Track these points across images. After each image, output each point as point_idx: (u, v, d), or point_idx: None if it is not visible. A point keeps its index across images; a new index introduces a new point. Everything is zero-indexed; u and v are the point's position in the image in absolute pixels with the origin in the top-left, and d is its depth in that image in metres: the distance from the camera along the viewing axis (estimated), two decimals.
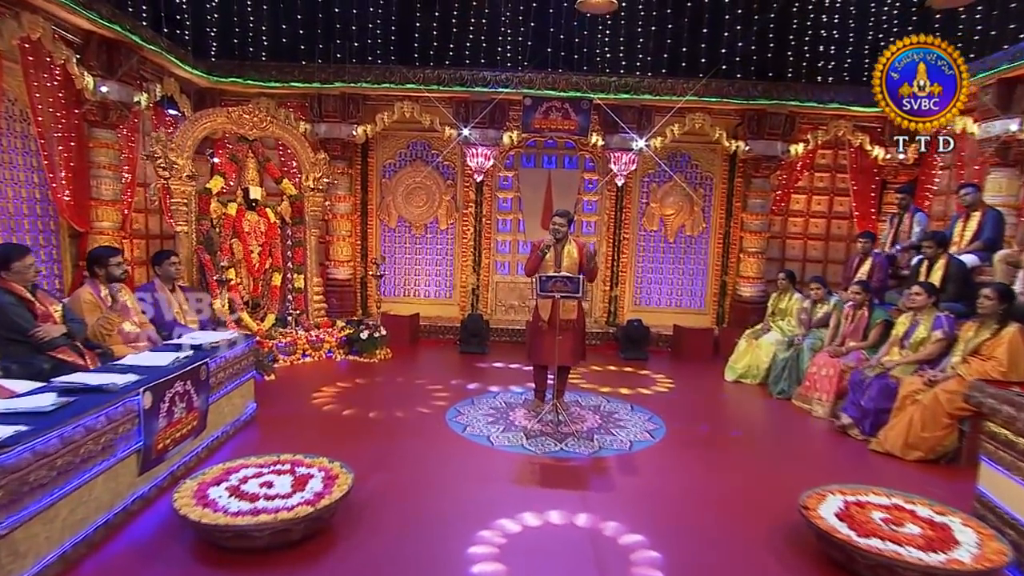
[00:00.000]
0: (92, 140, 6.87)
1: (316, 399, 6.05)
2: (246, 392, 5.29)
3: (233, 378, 4.99)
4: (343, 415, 5.62)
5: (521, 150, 9.27)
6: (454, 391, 6.47)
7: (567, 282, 5.22)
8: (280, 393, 6.22)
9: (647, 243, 9.43)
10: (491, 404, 6.07)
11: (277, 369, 7.08)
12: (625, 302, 9.43)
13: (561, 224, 5.51)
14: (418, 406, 5.91)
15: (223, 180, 7.44)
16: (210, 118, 7.20)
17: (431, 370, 7.50)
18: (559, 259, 5.56)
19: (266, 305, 7.89)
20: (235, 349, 5.02)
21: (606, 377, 7.37)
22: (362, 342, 7.72)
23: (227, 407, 4.90)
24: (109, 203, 7.01)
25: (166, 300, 5.56)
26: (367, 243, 9.41)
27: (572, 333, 5.56)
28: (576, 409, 5.99)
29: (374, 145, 9.25)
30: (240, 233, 7.49)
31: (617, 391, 6.72)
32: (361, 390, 6.47)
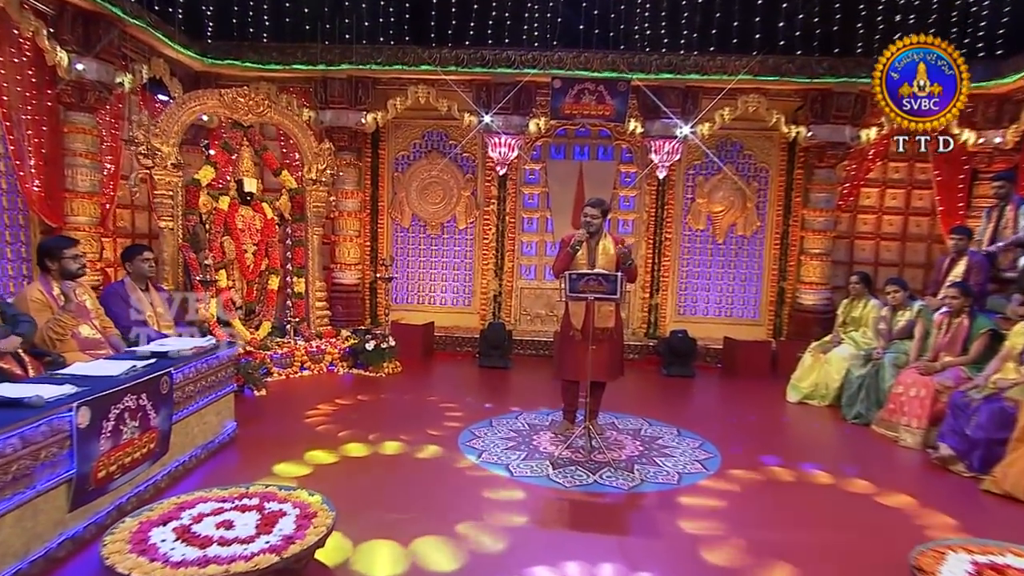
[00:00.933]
0: (67, 125, 6.50)
1: (310, 418, 5.57)
2: (224, 409, 4.78)
3: (206, 392, 4.49)
4: (338, 436, 5.10)
5: (549, 140, 8.76)
6: (470, 410, 5.95)
7: (603, 280, 4.64)
8: (270, 410, 5.79)
9: (692, 244, 8.83)
10: (512, 426, 5.51)
11: (271, 383, 6.60)
12: (667, 311, 8.82)
13: (594, 216, 4.99)
14: (427, 427, 5.38)
15: (214, 170, 7.02)
16: (200, 101, 6.83)
17: (445, 386, 7.03)
18: (592, 257, 5.05)
19: (262, 311, 7.43)
20: (210, 358, 4.52)
21: (647, 396, 6.79)
22: (367, 354, 7.21)
23: (198, 426, 4.39)
24: (86, 195, 6.62)
25: (137, 302, 5.09)
26: (377, 244, 8.98)
27: (609, 344, 5.05)
28: (612, 433, 5.43)
29: (385, 135, 8.84)
30: (233, 230, 7.07)
31: (660, 412, 6.10)
32: (363, 408, 5.99)
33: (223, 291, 6.94)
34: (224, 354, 4.75)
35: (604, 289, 4.66)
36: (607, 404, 5.54)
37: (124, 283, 5.15)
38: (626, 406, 6.20)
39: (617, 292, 4.65)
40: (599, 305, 4.93)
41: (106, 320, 4.77)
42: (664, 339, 8.08)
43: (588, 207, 5.05)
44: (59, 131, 6.46)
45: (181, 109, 6.68)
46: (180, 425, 4.14)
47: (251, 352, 6.71)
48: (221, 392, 4.72)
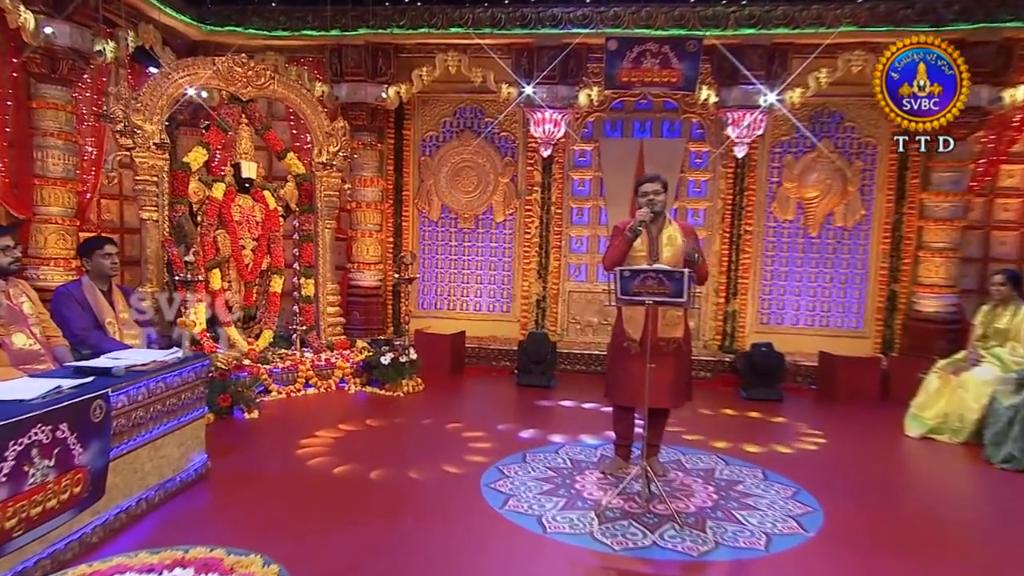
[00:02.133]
0: (36, 99, 6.16)
1: (304, 448, 5.03)
2: (190, 439, 4.24)
3: (165, 418, 3.95)
4: (333, 474, 4.53)
5: (603, 114, 8.12)
6: (500, 440, 5.33)
7: (664, 279, 3.93)
8: (259, 437, 5.33)
9: (779, 238, 8.03)
10: (550, 462, 4.85)
11: (268, 403, 6.15)
12: (747, 320, 8.04)
13: (656, 192, 4.36)
14: (445, 462, 4.77)
15: (206, 153, 6.57)
16: (190, 71, 6.39)
17: (473, 409, 6.53)
18: (654, 248, 4.40)
19: (263, 318, 6.93)
20: (170, 375, 3.96)
21: (723, 426, 6.03)
22: (383, 369, 6.64)
23: (151, 462, 3.84)
24: (58, 182, 6.27)
25: (96, 305, 4.60)
26: (401, 240, 8.52)
27: (674, 360, 4.42)
28: (677, 476, 4.70)
29: (411, 112, 8.38)
30: (228, 222, 6.62)
31: (740, 448, 5.36)
32: (370, 435, 5.45)
33: (216, 294, 6.49)
34: (189, 370, 4.18)
35: (666, 290, 3.96)
36: (671, 436, 4.87)
37: (81, 283, 4.67)
38: (696, 439, 5.49)
39: (683, 294, 3.92)
40: (663, 311, 4.29)
41: (51, 327, 4.29)
42: (744, 354, 7.30)
43: (646, 183, 4.43)
44: (26, 107, 6.14)
45: (167, 80, 6.24)
46: (124, 461, 3.59)
47: (246, 366, 6.21)
48: (187, 417, 4.17)
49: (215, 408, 5.48)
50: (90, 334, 4.49)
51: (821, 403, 6.99)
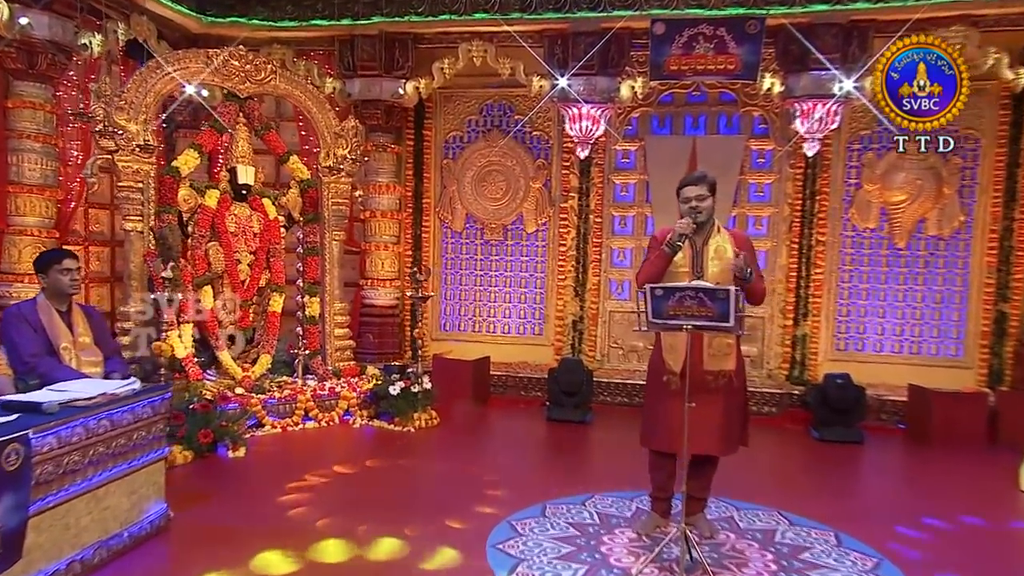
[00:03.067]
0: (12, 98, 6.04)
1: (288, 494, 4.68)
2: (146, 485, 3.91)
3: (108, 463, 3.61)
4: (315, 527, 4.13)
5: (650, 109, 7.71)
6: (518, 488, 4.89)
7: (707, 298, 3.46)
8: (241, 480, 5.05)
9: (858, 250, 7.48)
10: (575, 517, 4.39)
11: (260, 439, 5.89)
12: (820, 346, 7.47)
13: (700, 197, 3.91)
14: (448, 515, 4.35)
15: (198, 156, 6.36)
16: (180, 65, 6.19)
17: (492, 448, 6.23)
18: (699, 261, 3.95)
19: (261, 341, 6.64)
20: (117, 412, 3.63)
21: (787, 474, 5.55)
22: (392, 400, 6.30)
23: (88, 516, 3.50)
24: (35, 189, 6.16)
25: (51, 327, 4.31)
26: (421, 253, 8.23)
27: (723, 397, 3.95)
28: (729, 537, 4.18)
29: (432, 110, 8.13)
30: (222, 234, 6.39)
31: (809, 502, 4.79)
32: (368, 480, 5.09)
33: (207, 314, 6.21)
34: (144, 405, 3.85)
35: (708, 312, 3.49)
36: (723, 484, 4.35)
37: (36, 302, 4.37)
38: (753, 489, 4.94)
39: (729, 316, 3.42)
40: (710, 338, 3.85)
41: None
42: (816, 386, 6.72)
43: (687, 186, 3.97)
44: (2, 107, 6.01)
45: (155, 76, 6.07)
46: (51, 516, 3.24)
47: (237, 396, 5.90)
48: (140, 461, 3.83)
49: (195, 445, 5.21)
50: (40, 361, 4.18)
51: (912, 447, 6.40)
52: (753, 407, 6.90)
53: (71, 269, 4.40)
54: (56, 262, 4.38)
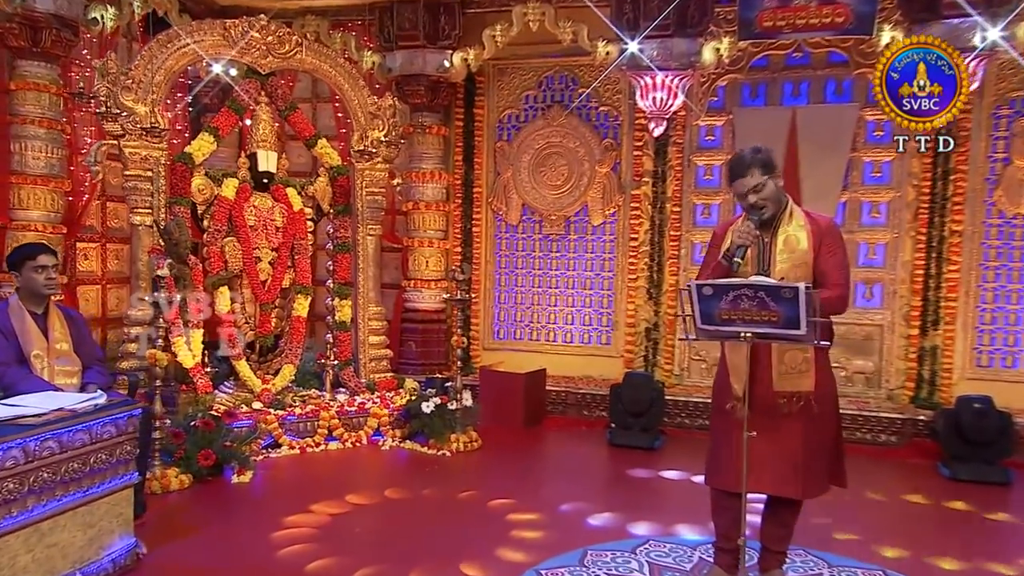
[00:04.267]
0: (15, 79, 6.02)
1: (286, 529, 4.43)
2: (106, 518, 3.72)
3: (56, 491, 3.42)
4: (303, 572, 3.81)
5: (740, 75, 7.23)
6: (558, 528, 4.54)
7: (769, 299, 3.00)
8: (238, 510, 4.85)
9: (1007, 241, 6.77)
10: (619, 567, 3.96)
11: (276, 461, 5.72)
12: (955, 362, 6.77)
13: (757, 188, 3.42)
14: (468, 558, 4.02)
15: (214, 141, 6.29)
16: (194, 38, 6.12)
17: (536, 478, 5.84)
18: (765, 257, 3.50)
19: (285, 350, 6.47)
20: (67, 432, 3.42)
21: (902, 521, 4.95)
22: (424, 419, 5.99)
23: (28, 554, 3.30)
24: (39, 180, 6.16)
25: (23, 332, 4.19)
26: (471, 250, 7.99)
27: (801, 424, 3.46)
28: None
29: (484, 86, 7.92)
30: (240, 228, 6.27)
31: (927, 560, 4.21)
32: (382, 513, 4.83)
33: (223, 318, 6.09)
34: (106, 423, 3.64)
35: (772, 316, 3.03)
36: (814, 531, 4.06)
37: (7, 304, 4.28)
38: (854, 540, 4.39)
39: (799, 322, 2.93)
40: (781, 351, 3.40)
41: None
42: (946, 411, 6.00)
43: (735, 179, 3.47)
44: (4, 89, 6.04)
45: (165, 50, 6.04)
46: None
47: (251, 412, 5.74)
48: (99, 488, 3.64)
49: (194, 468, 5.04)
50: (7, 371, 4.09)
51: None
52: (867, 435, 6.42)
53: (47, 266, 4.28)
54: (30, 258, 4.27)
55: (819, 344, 3.21)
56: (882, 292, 6.85)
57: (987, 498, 5.31)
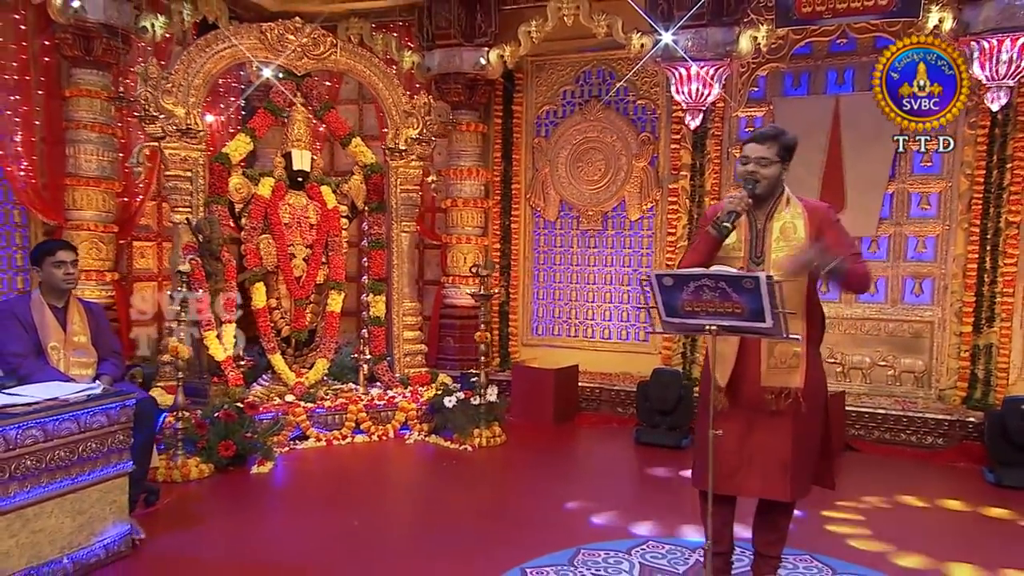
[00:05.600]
0: (70, 87, 6.17)
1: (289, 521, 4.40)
2: (98, 505, 3.71)
3: (42, 479, 3.44)
4: (289, 565, 3.77)
5: (781, 64, 6.76)
6: (557, 527, 4.31)
7: (731, 289, 2.76)
8: (248, 501, 4.78)
9: None
10: (609, 569, 3.72)
11: (302, 453, 5.68)
12: (1013, 361, 6.16)
13: (763, 160, 3.18)
14: (453, 558, 3.84)
15: (250, 141, 6.27)
16: (230, 41, 6.17)
17: (552, 475, 5.50)
18: (759, 244, 3.26)
19: (319, 344, 6.43)
20: (52, 420, 3.43)
21: (935, 528, 4.55)
22: (447, 414, 5.83)
23: (12, 539, 3.31)
24: (92, 181, 6.25)
25: (42, 324, 4.25)
26: (510, 246, 7.75)
27: (790, 423, 3.19)
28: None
29: (523, 83, 7.70)
30: (275, 225, 6.22)
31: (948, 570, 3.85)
32: (386, 507, 4.74)
33: (259, 312, 6.10)
34: (96, 412, 3.64)
35: (736, 308, 2.77)
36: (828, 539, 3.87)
37: (29, 298, 4.35)
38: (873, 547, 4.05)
39: (764, 314, 2.67)
40: (770, 345, 3.14)
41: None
42: (991, 413, 5.47)
43: (750, 143, 3.24)
44: (58, 96, 6.21)
45: (204, 54, 6.04)
46: None
47: (282, 404, 5.74)
48: (88, 476, 3.63)
49: (215, 458, 5.03)
50: (24, 362, 4.14)
51: None
52: (912, 437, 5.96)
53: (65, 262, 4.31)
54: (49, 254, 4.32)
55: (789, 338, 2.93)
56: (932, 287, 6.33)
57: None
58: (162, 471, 4.84)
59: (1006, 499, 4.91)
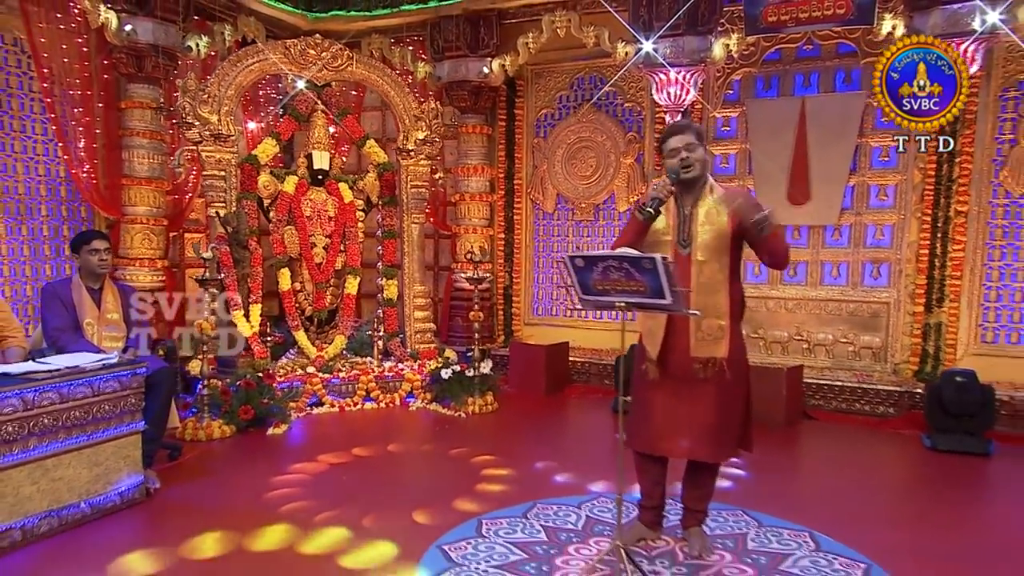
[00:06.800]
0: (125, 99, 6.27)
1: (288, 475, 4.39)
2: (112, 458, 3.79)
3: (59, 434, 3.54)
4: (278, 512, 3.81)
5: (753, 69, 6.52)
6: (521, 483, 4.27)
7: (633, 269, 2.73)
8: (257, 457, 4.82)
9: (1014, 220, 5.80)
10: (555, 521, 3.70)
11: (317, 417, 5.73)
12: (960, 337, 5.90)
13: (690, 146, 3.14)
14: (420, 507, 3.83)
15: (276, 144, 6.33)
16: (258, 56, 6.17)
17: (529, 438, 5.50)
18: (686, 228, 3.20)
19: (338, 322, 6.49)
20: (68, 385, 3.54)
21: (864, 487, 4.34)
22: (444, 384, 5.81)
23: (33, 486, 3.43)
24: (143, 181, 6.31)
25: (80, 304, 4.37)
26: (513, 235, 7.62)
27: (715, 390, 3.18)
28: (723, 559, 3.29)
29: (524, 89, 7.52)
30: (298, 218, 6.27)
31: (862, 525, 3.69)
32: (375, 465, 4.67)
33: (285, 294, 6.19)
34: (109, 379, 3.74)
35: (639, 287, 2.73)
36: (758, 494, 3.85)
37: (70, 280, 4.47)
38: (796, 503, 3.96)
39: (663, 291, 2.63)
40: (698, 320, 3.09)
41: (9, 328, 4.13)
42: (932, 384, 5.25)
43: (671, 136, 3.19)
44: (116, 106, 6.28)
45: (235, 68, 6.09)
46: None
47: (304, 375, 5.82)
48: (103, 434, 3.73)
49: (236, 421, 5.13)
50: (62, 335, 4.25)
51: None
52: (866, 406, 5.77)
53: (99, 250, 4.42)
54: (86, 243, 4.43)
55: (690, 313, 2.88)
56: (889, 271, 6.08)
57: (956, 468, 4.62)
58: (189, 431, 4.95)
59: (936, 462, 4.75)
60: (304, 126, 6.49)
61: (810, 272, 6.38)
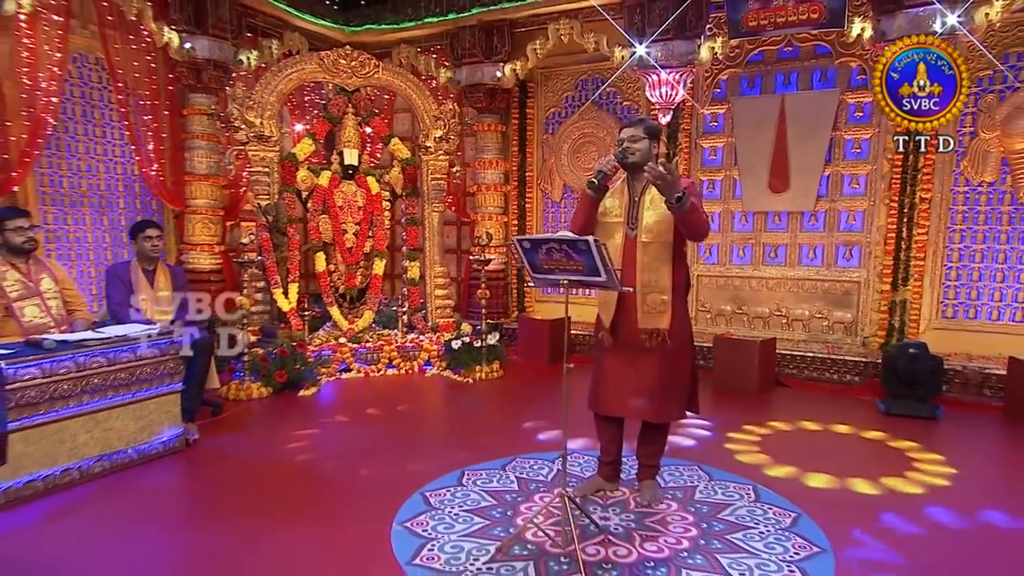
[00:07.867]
0: (187, 107, 6.48)
1: (306, 430, 4.57)
2: (155, 412, 4.01)
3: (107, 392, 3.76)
4: (294, 462, 4.00)
5: (738, 69, 6.38)
6: (508, 441, 4.32)
7: (571, 250, 2.79)
8: (285, 415, 4.97)
9: (973, 207, 5.61)
10: (529, 473, 3.79)
11: (345, 381, 5.89)
12: (923, 313, 5.76)
13: (634, 138, 3.21)
14: (413, 461, 3.95)
15: (312, 143, 6.45)
16: (297, 66, 6.29)
17: (524, 401, 5.52)
18: (635, 211, 3.26)
19: (368, 299, 6.65)
20: (113, 351, 3.77)
21: (818, 445, 4.35)
22: (454, 354, 5.93)
23: (87, 434, 3.67)
24: (202, 177, 6.54)
25: (136, 284, 4.60)
26: (525, 222, 7.65)
27: (658, 358, 3.24)
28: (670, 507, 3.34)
29: (534, 90, 7.50)
30: (331, 208, 6.41)
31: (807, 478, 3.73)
32: (382, 424, 4.79)
33: (320, 275, 6.37)
34: (149, 347, 3.96)
35: (578, 266, 2.77)
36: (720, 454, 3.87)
37: (129, 263, 4.71)
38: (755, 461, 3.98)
39: (599, 270, 2.69)
40: (644, 294, 3.18)
41: (75, 302, 4.36)
42: (888, 355, 5.14)
43: (625, 128, 3.27)
44: (179, 114, 6.50)
45: (277, 77, 6.22)
46: (42, 432, 3.46)
47: (336, 345, 6.00)
48: (146, 392, 3.94)
49: (272, 383, 5.34)
50: (120, 309, 4.48)
51: (1002, 428, 4.71)
52: (834, 375, 5.70)
53: (152, 237, 4.63)
54: (141, 231, 4.64)
55: (623, 290, 2.93)
56: (860, 253, 5.96)
57: (906, 429, 4.56)
58: (232, 391, 5.20)
59: (887, 425, 4.68)
60: (337, 127, 6.65)
61: (789, 254, 6.29)
